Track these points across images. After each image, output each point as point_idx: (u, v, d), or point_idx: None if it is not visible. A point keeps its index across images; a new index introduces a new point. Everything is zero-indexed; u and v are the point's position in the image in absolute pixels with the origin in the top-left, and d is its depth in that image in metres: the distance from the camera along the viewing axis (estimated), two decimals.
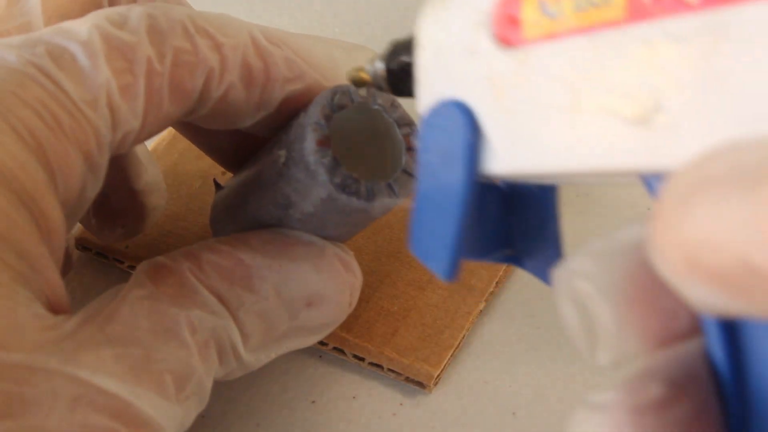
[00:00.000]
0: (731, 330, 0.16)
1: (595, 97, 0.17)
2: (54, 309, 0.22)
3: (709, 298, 0.14)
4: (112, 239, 0.31)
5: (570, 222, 0.35)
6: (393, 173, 0.26)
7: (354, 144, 0.26)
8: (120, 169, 0.29)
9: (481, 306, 0.31)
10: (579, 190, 0.35)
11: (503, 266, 0.32)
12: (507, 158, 0.19)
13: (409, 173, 0.26)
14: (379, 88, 0.23)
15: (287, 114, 0.26)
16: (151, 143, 0.36)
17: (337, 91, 0.25)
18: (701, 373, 0.16)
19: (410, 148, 0.26)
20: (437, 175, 0.20)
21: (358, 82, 0.24)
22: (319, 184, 0.24)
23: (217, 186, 0.30)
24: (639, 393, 0.16)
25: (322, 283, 0.26)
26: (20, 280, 0.21)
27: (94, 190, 0.24)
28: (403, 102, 0.26)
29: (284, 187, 0.25)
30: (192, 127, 0.30)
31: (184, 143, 0.35)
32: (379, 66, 0.23)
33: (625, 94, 0.16)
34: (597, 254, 0.17)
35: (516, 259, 0.22)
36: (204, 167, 0.35)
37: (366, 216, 0.26)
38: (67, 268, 0.23)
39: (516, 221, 0.22)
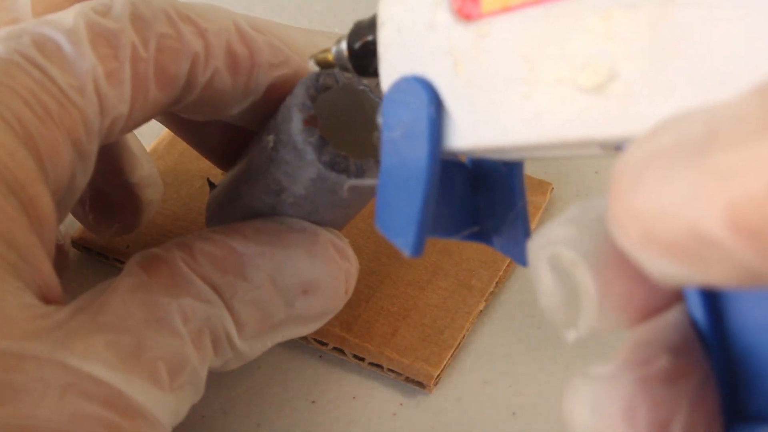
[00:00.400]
0: (711, 296, 0.16)
1: (552, 68, 0.17)
2: (46, 299, 0.22)
3: (667, 270, 0.14)
4: (108, 234, 0.31)
5: None
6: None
7: (341, 124, 0.26)
8: (115, 164, 0.29)
9: (481, 306, 0.31)
10: (578, 189, 0.35)
11: (503, 266, 0.32)
12: (469, 133, 0.19)
13: None
14: (345, 69, 0.23)
15: (274, 101, 0.26)
16: (151, 143, 0.36)
17: (321, 72, 0.25)
18: (695, 340, 0.16)
19: None
20: (401, 151, 0.20)
21: (323, 64, 0.24)
22: (308, 164, 0.24)
23: (211, 185, 0.30)
24: (646, 363, 0.15)
25: (317, 270, 0.26)
26: (9, 269, 0.21)
27: (83, 178, 0.24)
28: None
29: (275, 171, 0.25)
30: (185, 125, 0.30)
31: (184, 143, 0.35)
32: (343, 47, 0.23)
33: (581, 64, 0.16)
34: (578, 221, 0.16)
35: (484, 236, 0.22)
36: (204, 167, 0.35)
37: (357, 196, 0.26)
38: (62, 266, 0.23)
39: (483, 199, 0.22)
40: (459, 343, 0.30)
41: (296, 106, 0.25)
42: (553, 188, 0.34)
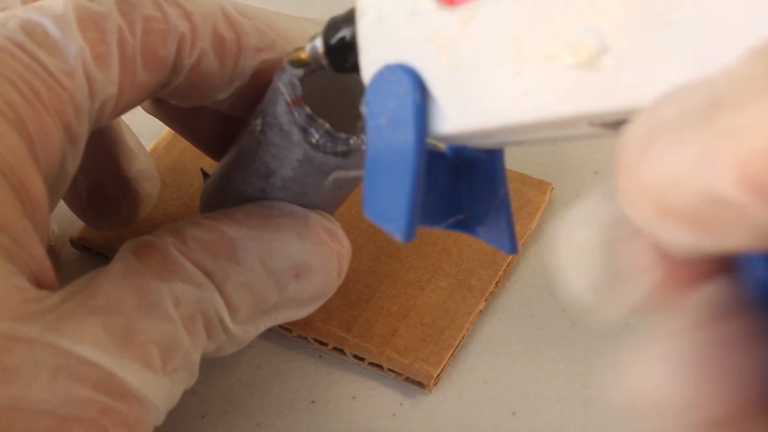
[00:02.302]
0: None
1: (540, 45, 0.17)
2: (39, 284, 0.22)
3: (684, 239, 0.14)
4: (107, 228, 0.31)
5: None
6: None
7: (327, 105, 0.26)
8: (112, 158, 0.29)
9: (481, 306, 0.31)
10: (578, 189, 0.35)
11: (503, 266, 0.32)
12: (456, 117, 0.19)
13: None
14: (321, 67, 0.23)
15: (261, 87, 0.26)
16: (151, 143, 0.36)
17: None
18: (756, 303, 0.15)
19: None
20: (387, 138, 0.20)
21: (297, 63, 0.24)
22: (295, 145, 0.24)
23: (205, 175, 0.31)
24: (714, 323, 0.15)
25: (308, 253, 0.26)
26: (2, 252, 0.21)
27: (74, 163, 0.24)
28: None
29: (263, 155, 0.26)
30: (177, 116, 0.30)
31: (184, 143, 0.35)
32: (318, 44, 0.23)
33: (570, 40, 0.16)
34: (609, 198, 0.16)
35: (468, 226, 0.22)
36: (204, 167, 0.35)
37: (345, 177, 0.26)
38: (54, 267, 0.23)
39: (465, 189, 0.22)
40: (459, 343, 0.30)
41: (281, 87, 0.25)
42: (552, 188, 0.34)
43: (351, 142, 0.25)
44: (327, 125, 0.25)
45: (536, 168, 0.35)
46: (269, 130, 0.25)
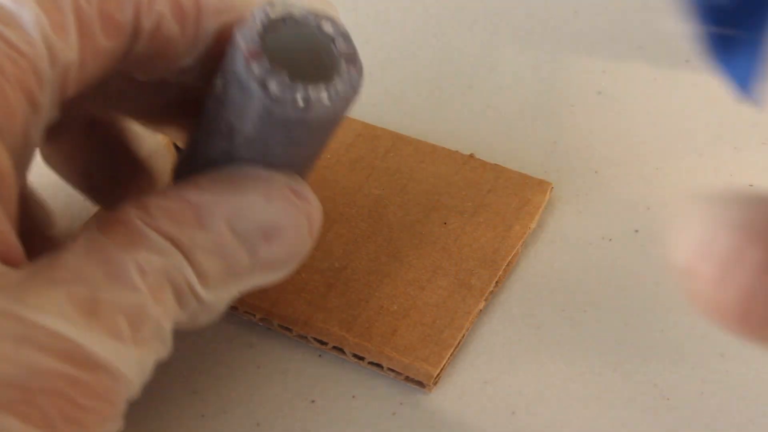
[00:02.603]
0: None
1: None
2: (4, 260, 0.22)
3: None
4: None
5: (569, 221, 0.35)
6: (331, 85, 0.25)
7: (289, 61, 0.25)
8: (122, 144, 0.30)
9: (481, 305, 0.31)
10: (578, 189, 0.35)
11: (503, 265, 0.32)
12: None
13: (347, 83, 0.25)
14: (283, 20, 0.22)
15: (223, 53, 0.26)
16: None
17: (266, 8, 0.25)
18: None
19: (349, 60, 0.25)
20: None
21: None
22: (254, 99, 0.24)
23: (177, 149, 0.30)
24: None
25: (275, 213, 0.26)
26: None
27: (37, 135, 0.24)
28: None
29: (225, 113, 0.25)
30: (146, 107, 0.30)
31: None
32: None
33: None
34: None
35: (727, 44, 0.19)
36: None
37: (308, 133, 0.25)
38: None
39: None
40: (459, 343, 0.30)
41: (239, 41, 0.24)
42: (553, 188, 0.34)
43: (311, 93, 0.24)
44: (286, 77, 0.24)
45: (536, 168, 0.35)
46: (230, 87, 0.25)
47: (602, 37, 0.40)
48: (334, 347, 0.31)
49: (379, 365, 0.30)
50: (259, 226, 0.26)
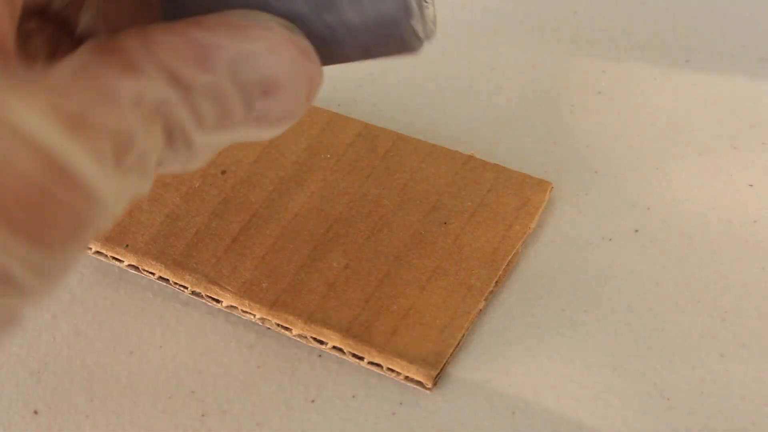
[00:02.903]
0: None
1: None
2: None
3: None
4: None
5: (568, 221, 0.35)
6: None
7: None
8: None
9: (481, 305, 0.31)
10: (578, 189, 0.35)
11: (503, 265, 0.32)
12: None
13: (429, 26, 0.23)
14: None
15: None
16: None
17: None
18: None
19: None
20: None
21: None
22: None
23: None
24: None
25: (278, 68, 0.25)
26: None
27: None
28: None
29: None
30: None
31: None
32: None
33: None
34: None
35: None
36: (203, 166, 0.35)
37: (364, 25, 0.24)
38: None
39: None
40: (459, 343, 0.30)
41: None
42: (552, 188, 0.34)
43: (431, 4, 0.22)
44: None
45: (536, 168, 0.35)
46: None
47: (602, 37, 0.40)
48: (334, 347, 0.31)
49: (378, 365, 0.30)
50: (260, 78, 0.25)
